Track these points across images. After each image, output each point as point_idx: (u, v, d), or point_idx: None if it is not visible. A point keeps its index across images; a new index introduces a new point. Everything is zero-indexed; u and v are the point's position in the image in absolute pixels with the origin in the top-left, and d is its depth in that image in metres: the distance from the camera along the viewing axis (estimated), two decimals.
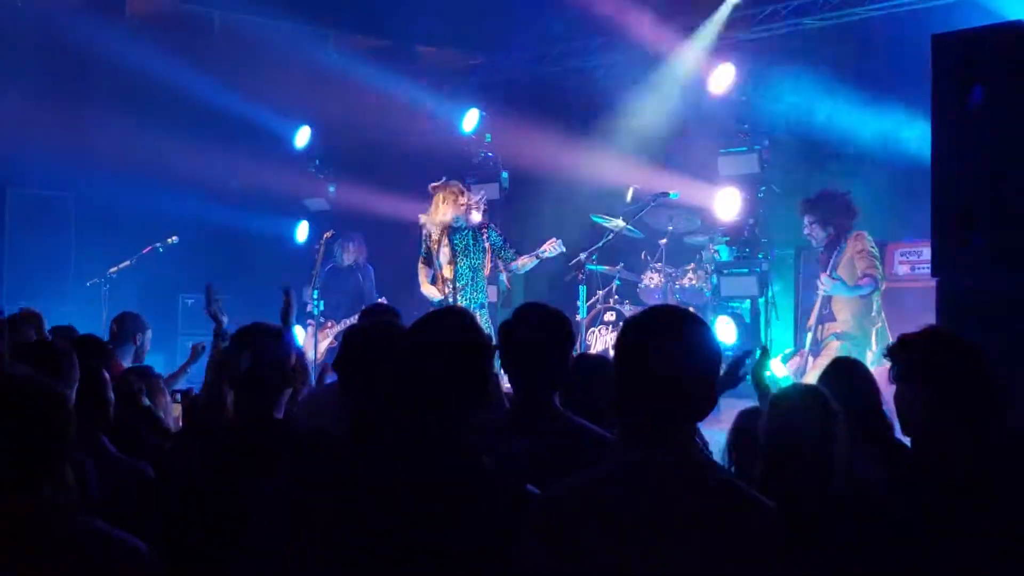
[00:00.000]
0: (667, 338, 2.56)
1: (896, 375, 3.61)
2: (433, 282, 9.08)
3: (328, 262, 10.87)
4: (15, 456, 2.57)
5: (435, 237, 9.04)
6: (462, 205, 8.85)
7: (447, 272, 8.98)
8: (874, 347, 8.17)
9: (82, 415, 3.87)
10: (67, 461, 2.70)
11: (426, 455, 2.78)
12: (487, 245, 8.98)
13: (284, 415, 3.69)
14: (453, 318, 2.94)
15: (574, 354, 3.83)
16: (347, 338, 3.71)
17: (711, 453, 4.35)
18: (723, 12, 10.70)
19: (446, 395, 2.79)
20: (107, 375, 4.21)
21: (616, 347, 2.64)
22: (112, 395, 4.21)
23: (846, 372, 4.64)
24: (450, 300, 8.87)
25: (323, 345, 10.53)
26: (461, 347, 2.84)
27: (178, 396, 5.87)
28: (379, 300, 10.47)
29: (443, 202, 8.93)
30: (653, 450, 2.57)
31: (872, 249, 8.44)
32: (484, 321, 8.77)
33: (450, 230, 8.98)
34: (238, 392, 3.66)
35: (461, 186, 9.15)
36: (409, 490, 2.74)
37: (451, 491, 2.74)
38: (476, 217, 8.89)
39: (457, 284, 8.91)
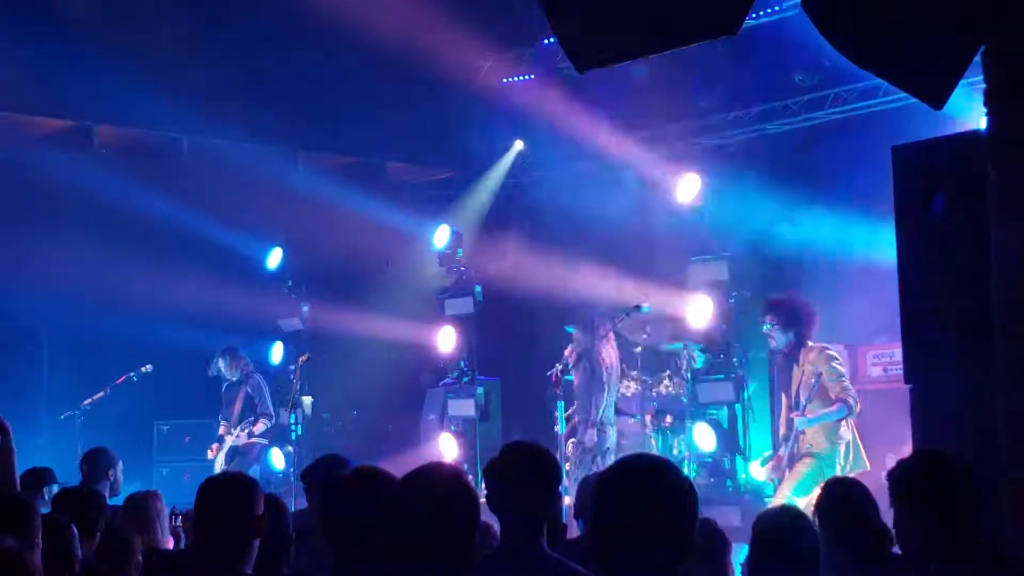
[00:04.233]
0: (642, 490, 2.57)
1: (893, 498, 3.68)
2: None
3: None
4: None
5: None
6: None
7: None
8: (841, 461, 8.06)
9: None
10: None
11: None
12: None
13: (266, 566, 3.59)
14: (441, 475, 2.96)
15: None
16: (331, 489, 3.65)
17: None
18: None
19: (434, 556, 2.80)
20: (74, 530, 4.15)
21: (594, 501, 2.66)
22: (79, 551, 4.14)
23: (842, 493, 4.64)
24: None
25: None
26: (450, 510, 2.86)
27: (178, 520, 5.78)
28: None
29: None
30: None
31: (840, 368, 8.19)
32: None
33: None
34: (198, 545, 3.59)
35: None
36: None
37: None
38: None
39: None
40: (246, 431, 10.78)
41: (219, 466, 10.64)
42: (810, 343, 8.25)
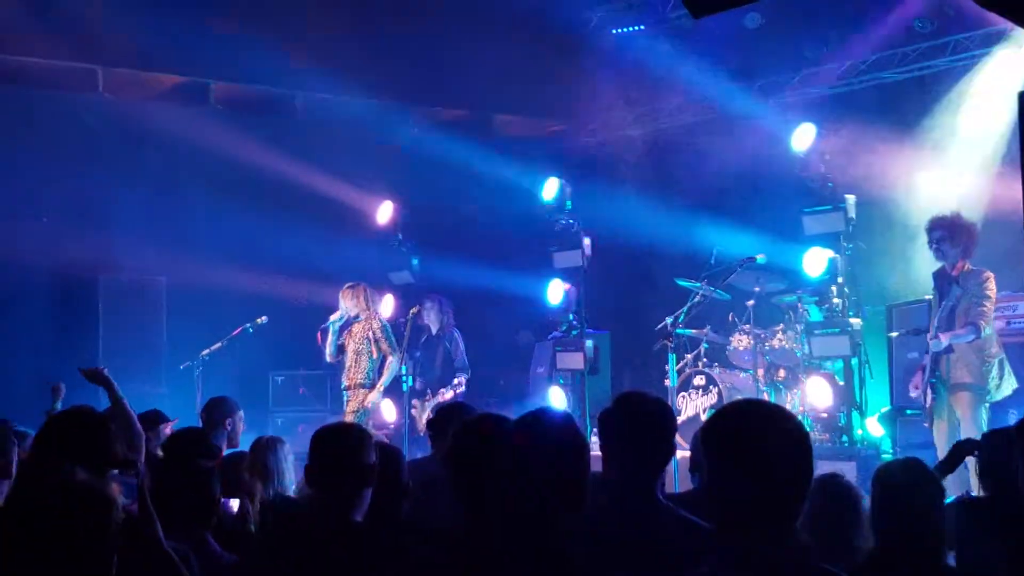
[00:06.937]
0: (757, 431, 2.54)
1: (1020, 451, 3.58)
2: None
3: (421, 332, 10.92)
4: None
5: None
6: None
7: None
8: (995, 381, 7.92)
9: (188, 512, 3.95)
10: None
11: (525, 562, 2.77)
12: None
13: (381, 514, 3.62)
14: (557, 420, 2.96)
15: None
16: (455, 436, 3.65)
17: None
18: None
19: (549, 500, 2.81)
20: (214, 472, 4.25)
21: (705, 440, 2.61)
22: (218, 492, 4.24)
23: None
24: None
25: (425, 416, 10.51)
26: (566, 452, 2.86)
27: None
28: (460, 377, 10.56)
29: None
30: (751, 542, 2.53)
31: (990, 293, 8.02)
32: None
33: None
34: (311, 494, 3.64)
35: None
36: None
37: None
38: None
39: None
40: (450, 390, 10.58)
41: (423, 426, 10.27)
42: (970, 265, 8.12)
